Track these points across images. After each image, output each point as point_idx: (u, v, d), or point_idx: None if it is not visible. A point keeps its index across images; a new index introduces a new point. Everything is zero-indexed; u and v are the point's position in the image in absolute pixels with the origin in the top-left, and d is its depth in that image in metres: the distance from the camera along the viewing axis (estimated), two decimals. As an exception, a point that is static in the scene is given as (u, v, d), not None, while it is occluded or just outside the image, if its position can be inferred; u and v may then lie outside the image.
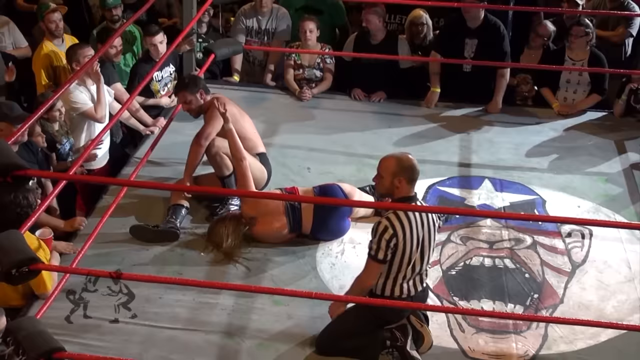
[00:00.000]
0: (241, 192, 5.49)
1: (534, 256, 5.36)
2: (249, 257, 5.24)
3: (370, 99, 7.37)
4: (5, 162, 3.95)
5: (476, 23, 7.04)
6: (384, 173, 4.45)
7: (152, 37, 6.79)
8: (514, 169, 6.35)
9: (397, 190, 4.42)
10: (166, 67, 6.94)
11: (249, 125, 5.87)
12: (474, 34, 7.05)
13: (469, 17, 7.02)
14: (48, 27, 6.95)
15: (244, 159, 5.40)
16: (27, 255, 3.84)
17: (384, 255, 4.32)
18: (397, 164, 4.44)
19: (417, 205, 4.53)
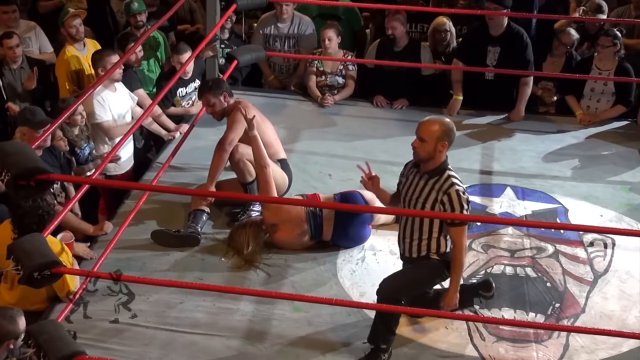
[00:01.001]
0: (263, 198, 5.49)
1: (556, 265, 5.33)
2: (270, 263, 5.25)
3: (392, 106, 7.37)
4: (28, 166, 3.96)
5: (499, 31, 7.02)
6: (428, 137, 4.47)
7: (179, 55, 6.81)
8: (536, 177, 6.33)
9: (438, 155, 4.47)
10: (191, 83, 6.97)
11: (270, 131, 5.88)
12: (496, 41, 7.04)
13: (492, 24, 7.01)
14: (69, 32, 7.01)
15: (267, 166, 5.40)
16: (49, 258, 3.87)
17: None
18: (441, 129, 4.48)
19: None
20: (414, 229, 4.57)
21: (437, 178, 4.50)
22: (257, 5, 7.47)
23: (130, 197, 5.81)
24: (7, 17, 7.28)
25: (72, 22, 6.99)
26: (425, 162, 4.54)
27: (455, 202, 4.42)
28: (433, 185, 4.49)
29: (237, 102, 5.68)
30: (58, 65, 7.04)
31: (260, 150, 5.42)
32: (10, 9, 7.30)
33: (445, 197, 4.44)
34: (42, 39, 7.59)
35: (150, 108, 5.82)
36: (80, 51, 7.02)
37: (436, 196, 4.47)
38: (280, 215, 5.31)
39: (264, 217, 5.37)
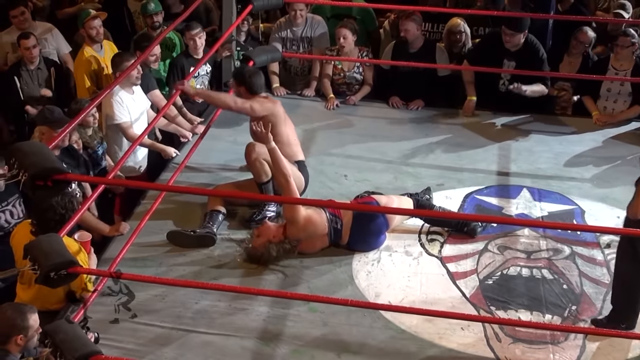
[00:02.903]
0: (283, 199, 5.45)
1: (572, 267, 5.31)
2: (285, 264, 5.24)
3: (408, 106, 7.37)
4: (45, 166, 4.00)
5: (516, 47, 6.98)
6: None
7: (191, 31, 6.89)
8: (553, 179, 6.31)
9: None
10: (203, 65, 6.98)
11: (291, 131, 5.89)
12: (512, 56, 7.01)
13: (509, 45, 6.98)
14: (88, 34, 7.04)
15: (289, 178, 5.29)
16: (65, 258, 3.90)
17: None
18: None
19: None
20: None
21: None
22: (273, 5, 7.50)
23: (147, 198, 5.82)
24: (17, 20, 7.35)
25: (92, 24, 7.04)
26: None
27: None
28: None
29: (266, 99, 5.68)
30: (77, 65, 7.09)
31: (280, 162, 5.32)
32: (19, 12, 7.34)
33: None
34: (59, 40, 7.64)
35: (165, 107, 5.85)
36: (98, 52, 7.06)
37: None
38: (307, 231, 5.27)
39: (289, 232, 5.24)
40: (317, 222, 5.27)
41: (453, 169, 6.41)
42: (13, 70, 6.98)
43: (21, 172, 3.98)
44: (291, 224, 5.25)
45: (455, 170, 6.37)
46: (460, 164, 6.49)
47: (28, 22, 7.39)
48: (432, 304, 4.89)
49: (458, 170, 6.38)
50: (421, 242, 5.50)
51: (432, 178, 6.23)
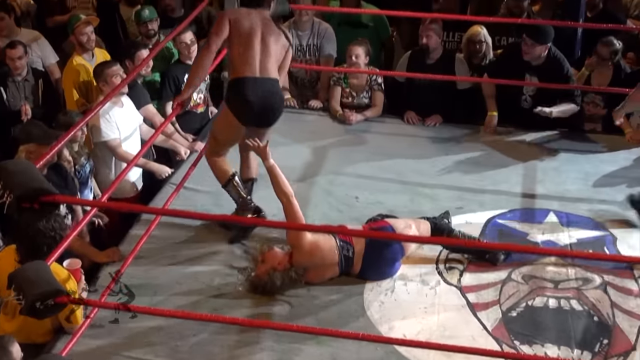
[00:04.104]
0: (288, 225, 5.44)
1: (604, 298, 5.29)
2: (291, 294, 5.23)
3: (425, 122, 7.39)
4: (32, 187, 3.99)
5: (538, 61, 7.00)
6: None
7: (182, 35, 6.94)
8: (583, 202, 6.30)
9: None
10: None
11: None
12: (535, 70, 7.03)
13: (530, 57, 6.98)
14: (79, 40, 7.09)
15: (291, 196, 5.26)
16: (52, 287, 3.89)
17: None
18: None
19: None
20: None
21: None
22: (279, 13, 7.49)
23: (141, 221, 5.83)
24: None
25: (83, 29, 7.09)
26: None
27: None
28: None
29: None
30: (65, 75, 7.14)
31: (280, 181, 5.28)
32: None
33: None
34: (45, 49, 7.69)
35: (164, 124, 5.87)
36: (89, 61, 7.10)
37: None
38: (314, 259, 5.26)
39: (294, 259, 5.23)
40: (325, 249, 5.26)
41: (473, 190, 6.41)
42: (-2, 80, 7.02)
43: (6, 192, 3.99)
44: (296, 250, 5.23)
45: (475, 192, 6.37)
46: (481, 185, 6.49)
47: (9, 28, 7.44)
48: (451, 337, 4.88)
49: (479, 192, 6.38)
50: (439, 270, 5.49)
51: (451, 200, 6.23)
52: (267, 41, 5.60)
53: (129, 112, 6.50)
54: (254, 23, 5.61)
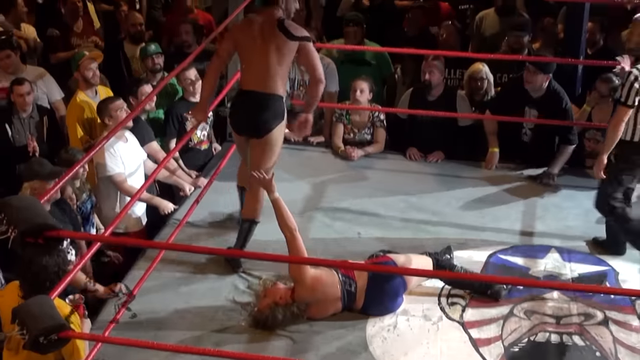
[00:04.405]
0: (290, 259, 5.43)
1: (606, 333, 5.27)
2: (293, 329, 5.22)
3: (427, 159, 7.41)
4: (36, 222, 4.02)
5: (539, 92, 7.05)
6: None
7: (186, 72, 6.99)
8: (584, 238, 6.30)
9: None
10: None
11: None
12: (535, 103, 7.06)
13: (531, 87, 7.03)
14: (84, 75, 7.14)
15: (295, 230, 5.27)
16: (56, 321, 3.89)
17: (632, 100, 5.68)
18: None
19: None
20: None
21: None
22: None
23: (145, 256, 5.84)
24: (2, 64, 7.48)
25: (88, 65, 7.16)
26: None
27: (627, 80, 5.74)
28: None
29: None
30: (69, 112, 7.19)
31: (284, 214, 5.29)
32: (4, 55, 7.50)
33: (626, 75, 5.79)
34: (51, 85, 7.76)
35: (166, 159, 5.90)
36: (92, 98, 7.15)
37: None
38: (315, 294, 5.25)
39: (297, 294, 5.23)
40: (327, 284, 5.25)
41: (475, 226, 6.42)
42: (4, 117, 7.05)
43: (10, 228, 4.01)
44: (298, 285, 5.23)
45: (477, 228, 6.38)
46: (483, 221, 6.49)
47: (15, 65, 7.50)
48: (453, 373, 4.86)
49: (480, 228, 6.39)
50: (441, 306, 5.48)
51: (453, 236, 6.24)
52: (266, 52, 5.62)
53: (133, 147, 6.54)
54: (255, 36, 5.64)
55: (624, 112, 5.76)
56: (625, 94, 5.73)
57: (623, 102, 5.75)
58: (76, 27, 9.08)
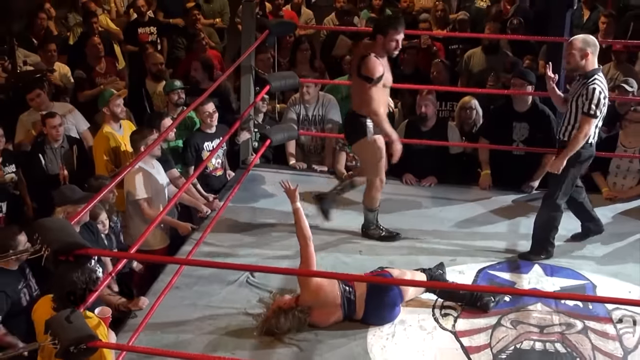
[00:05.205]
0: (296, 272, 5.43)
1: (585, 341, 5.24)
2: (301, 338, 5.20)
3: (421, 183, 7.40)
4: (67, 241, 4.04)
5: (524, 107, 7.09)
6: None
7: (204, 106, 6.99)
8: (564, 255, 6.27)
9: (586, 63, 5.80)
10: (216, 139, 7.07)
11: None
12: (522, 117, 7.11)
13: (517, 100, 7.09)
14: (113, 111, 7.18)
15: (309, 239, 5.29)
16: (85, 332, 3.92)
17: (598, 111, 5.74)
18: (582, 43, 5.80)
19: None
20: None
21: (585, 80, 5.79)
22: (289, 86, 7.61)
23: (165, 271, 5.83)
24: (34, 102, 7.53)
25: (117, 101, 7.20)
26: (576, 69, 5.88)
27: (592, 94, 5.72)
28: (582, 85, 5.81)
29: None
30: (96, 142, 7.22)
31: (302, 224, 5.32)
32: (35, 95, 7.55)
33: (585, 90, 5.73)
34: (78, 118, 7.82)
35: (185, 184, 5.93)
36: (117, 131, 7.18)
37: (582, 90, 5.77)
38: (318, 299, 5.25)
39: (301, 298, 5.26)
40: (328, 290, 5.25)
41: (465, 244, 6.40)
42: (37, 148, 7.09)
43: (44, 247, 4.02)
44: (303, 288, 5.26)
45: (467, 246, 6.36)
46: (472, 239, 6.48)
47: (45, 103, 7.55)
48: (446, 378, 4.83)
49: (470, 246, 6.37)
50: (435, 317, 5.46)
51: (445, 253, 6.22)
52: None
53: (159, 173, 6.58)
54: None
55: (590, 122, 5.76)
56: (590, 106, 5.72)
57: (591, 114, 5.73)
58: (99, 67, 9.13)
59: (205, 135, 7.06)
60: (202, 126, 7.18)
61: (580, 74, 5.88)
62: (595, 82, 5.77)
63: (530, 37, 9.42)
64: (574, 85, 5.98)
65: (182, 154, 7.15)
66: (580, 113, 5.79)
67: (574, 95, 5.86)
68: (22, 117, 7.64)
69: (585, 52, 5.78)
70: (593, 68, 5.84)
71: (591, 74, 5.81)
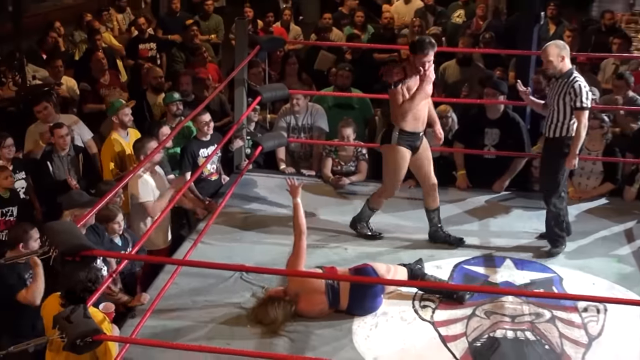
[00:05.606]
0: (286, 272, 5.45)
1: (553, 329, 5.27)
2: (292, 330, 5.22)
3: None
4: (74, 243, 4.04)
5: (496, 114, 7.12)
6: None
7: (202, 116, 6.98)
8: (533, 250, 6.30)
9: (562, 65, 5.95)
10: (211, 146, 7.06)
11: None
12: (494, 124, 7.14)
13: (490, 108, 7.13)
14: (122, 120, 7.19)
15: (303, 234, 5.37)
16: (90, 327, 3.92)
17: (589, 102, 5.89)
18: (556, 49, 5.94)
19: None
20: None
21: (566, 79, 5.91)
22: (279, 97, 7.62)
23: (165, 270, 5.82)
24: (41, 115, 7.49)
25: (126, 111, 7.23)
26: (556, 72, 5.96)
27: (580, 89, 5.85)
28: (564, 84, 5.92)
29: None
30: (104, 148, 7.25)
31: (299, 219, 5.41)
32: (42, 107, 7.51)
33: (572, 89, 5.85)
34: (82, 128, 7.81)
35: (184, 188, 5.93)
36: (124, 138, 7.19)
37: (567, 89, 5.88)
38: (304, 286, 5.28)
39: (288, 286, 5.33)
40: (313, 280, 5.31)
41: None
42: (46, 156, 7.07)
43: (52, 248, 4.02)
44: (291, 278, 5.35)
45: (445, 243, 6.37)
46: (449, 237, 6.50)
47: (52, 115, 7.52)
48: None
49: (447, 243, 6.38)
50: (415, 309, 5.48)
51: (424, 250, 6.24)
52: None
53: (161, 178, 6.60)
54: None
55: (585, 114, 5.93)
56: (581, 100, 5.88)
57: (583, 107, 5.90)
58: (103, 79, 9.13)
59: (201, 142, 7.06)
60: (198, 134, 7.17)
61: (557, 76, 5.99)
62: (576, 79, 5.94)
63: (501, 50, 9.49)
64: (554, 86, 6.06)
65: (180, 160, 7.14)
66: (569, 110, 5.93)
67: (557, 94, 5.98)
68: (30, 128, 7.62)
69: (562, 56, 5.94)
70: (569, 68, 5.99)
71: (570, 73, 5.97)
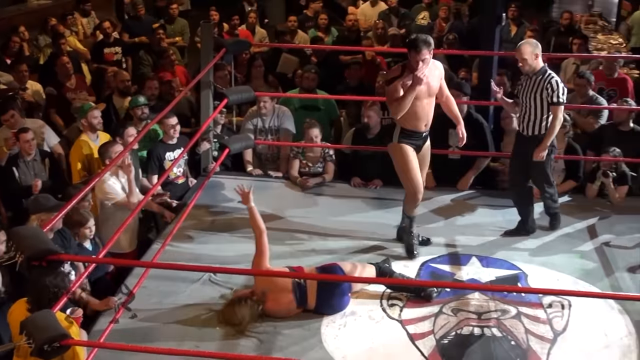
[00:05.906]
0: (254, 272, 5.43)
1: (519, 325, 5.30)
2: (261, 331, 5.19)
3: (368, 186, 7.41)
4: (40, 248, 3.98)
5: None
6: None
7: (168, 119, 6.93)
8: (498, 248, 6.32)
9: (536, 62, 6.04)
10: (177, 150, 7.01)
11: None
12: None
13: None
14: (91, 123, 7.12)
15: (263, 232, 5.37)
16: (58, 332, 3.86)
17: (565, 97, 6.00)
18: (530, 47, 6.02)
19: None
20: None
21: (542, 76, 5.99)
22: (245, 99, 7.59)
23: (133, 274, 5.75)
24: (8, 123, 7.38)
25: (95, 114, 7.17)
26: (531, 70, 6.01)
27: (556, 85, 5.95)
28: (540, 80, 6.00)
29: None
30: (73, 150, 7.19)
31: (256, 220, 5.41)
32: (9, 116, 7.38)
33: (549, 84, 5.93)
34: (49, 133, 7.72)
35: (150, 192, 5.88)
36: (94, 140, 7.13)
37: (544, 85, 5.96)
38: (270, 284, 5.27)
39: (255, 285, 5.31)
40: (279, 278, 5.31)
41: (409, 240, 6.41)
42: (11, 162, 6.96)
43: (18, 253, 3.96)
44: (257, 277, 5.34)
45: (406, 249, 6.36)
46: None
47: (18, 123, 7.40)
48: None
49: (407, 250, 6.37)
50: (382, 307, 5.48)
51: (392, 248, 6.24)
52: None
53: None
54: None
55: (561, 110, 6.04)
56: (558, 95, 5.98)
57: (560, 102, 6.00)
58: (69, 83, 9.04)
59: (167, 146, 7.01)
60: (165, 138, 7.12)
61: (532, 73, 6.05)
62: (552, 75, 6.04)
63: (464, 51, 9.53)
64: (528, 84, 6.11)
65: (146, 163, 7.08)
66: (546, 105, 6.02)
67: (533, 91, 6.05)
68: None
69: (536, 53, 6.02)
70: (542, 65, 6.08)
71: (545, 70, 6.06)
